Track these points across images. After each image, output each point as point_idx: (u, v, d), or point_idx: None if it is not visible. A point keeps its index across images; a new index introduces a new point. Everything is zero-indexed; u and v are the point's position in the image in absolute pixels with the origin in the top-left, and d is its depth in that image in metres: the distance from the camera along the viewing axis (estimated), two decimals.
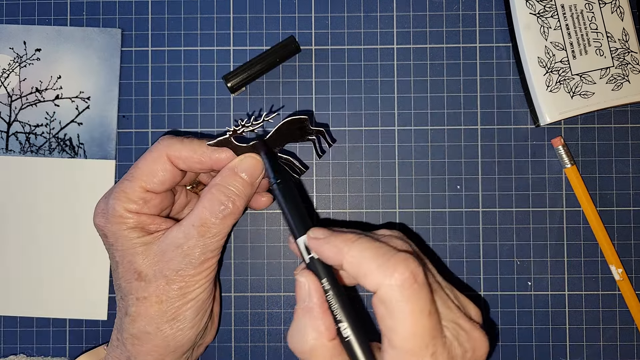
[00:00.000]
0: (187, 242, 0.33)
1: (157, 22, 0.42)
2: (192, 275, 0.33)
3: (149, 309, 0.33)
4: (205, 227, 0.33)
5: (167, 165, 0.34)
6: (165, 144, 0.34)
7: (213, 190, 0.33)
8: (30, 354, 0.41)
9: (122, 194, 0.34)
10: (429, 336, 0.26)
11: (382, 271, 0.26)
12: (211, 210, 0.33)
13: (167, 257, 0.33)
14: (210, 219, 0.33)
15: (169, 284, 0.33)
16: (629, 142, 0.41)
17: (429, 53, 0.41)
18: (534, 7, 0.39)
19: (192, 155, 0.34)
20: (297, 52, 0.40)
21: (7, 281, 0.41)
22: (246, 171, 0.34)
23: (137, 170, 0.34)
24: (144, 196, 0.34)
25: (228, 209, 0.33)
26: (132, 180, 0.34)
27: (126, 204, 0.33)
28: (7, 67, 0.41)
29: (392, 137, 0.41)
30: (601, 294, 0.41)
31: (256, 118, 0.34)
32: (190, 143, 0.34)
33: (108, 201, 0.34)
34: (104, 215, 0.34)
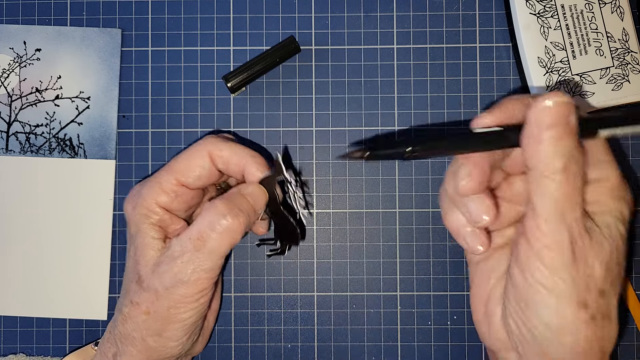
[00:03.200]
0: (181, 256, 0.32)
1: (157, 22, 0.42)
2: (181, 295, 0.32)
3: (138, 316, 0.32)
4: (202, 240, 0.31)
5: (207, 162, 0.34)
6: (210, 141, 0.34)
7: (216, 202, 0.32)
8: (30, 353, 0.41)
9: (157, 184, 0.33)
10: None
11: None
12: (210, 222, 0.32)
13: (161, 270, 0.32)
14: (208, 231, 0.31)
15: (157, 299, 0.32)
16: (629, 142, 0.41)
17: (429, 53, 0.41)
18: (534, 7, 0.39)
19: (233, 156, 0.34)
20: (297, 52, 0.40)
21: (7, 281, 0.41)
22: (252, 195, 0.34)
23: (176, 163, 0.34)
24: (177, 189, 0.34)
25: (228, 222, 0.32)
26: (169, 172, 0.34)
27: (158, 196, 0.33)
28: (7, 67, 0.41)
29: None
30: None
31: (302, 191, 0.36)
32: (234, 145, 0.34)
33: (142, 189, 0.34)
34: (133, 202, 0.34)
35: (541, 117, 0.26)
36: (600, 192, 0.29)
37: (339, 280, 0.41)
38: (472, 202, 0.29)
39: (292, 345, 0.41)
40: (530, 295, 0.27)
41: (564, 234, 0.26)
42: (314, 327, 0.41)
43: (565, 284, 0.27)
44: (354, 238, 0.41)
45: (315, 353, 0.41)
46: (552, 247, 0.26)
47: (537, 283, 0.27)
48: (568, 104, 0.26)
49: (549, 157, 0.26)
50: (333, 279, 0.41)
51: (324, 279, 0.41)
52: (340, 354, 0.41)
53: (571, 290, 0.27)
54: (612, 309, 0.28)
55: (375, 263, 0.41)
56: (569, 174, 0.26)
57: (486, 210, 0.29)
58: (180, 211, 0.35)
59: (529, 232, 0.27)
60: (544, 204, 0.26)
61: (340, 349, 0.41)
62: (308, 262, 0.41)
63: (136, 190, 0.34)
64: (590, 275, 0.27)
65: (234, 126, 0.41)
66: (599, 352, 0.28)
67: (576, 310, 0.27)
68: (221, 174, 0.35)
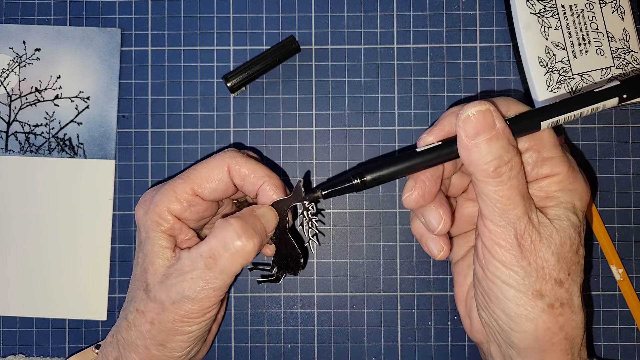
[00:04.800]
0: (191, 272, 0.31)
1: (156, 21, 0.41)
2: (187, 311, 0.31)
3: (142, 325, 0.32)
4: (214, 259, 0.31)
5: (225, 176, 0.34)
6: (230, 155, 0.34)
7: (231, 221, 0.32)
8: (30, 354, 0.41)
9: (171, 191, 0.33)
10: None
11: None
12: (224, 241, 0.31)
13: (169, 282, 0.31)
14: (221, 250, 0.31)
15: (163, 311, 0.32)
16: (630, 142, 0.41)
17: (429, 53, 0.41)
18: (534, 6, 0.39)
19: (251, 174, 0.34)
20: (297, 51, 0.40)
21: (7, 281, 0.41)
22: (264, 217, 0.33)
23: (194, 173, 0.33)
24: (191, 199, 0.33)
25: (242, 243, 0.31)
26: (185, 181, 0.33)
27: (171, 204, 0.33)
28: (7, 67, 0.41)
29: (392, 137, 0.41)
30: (602, 294, 0.41)
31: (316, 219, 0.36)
32: (254, 162, 0.34)
33: (154, 195, 0.33)
34: (145, 207, 0.33)
35: (466, 127, 0.29)
36: (551, 187, 0.31)
37: (339, 281, 0.41)
38: (426, 213, 0.32)
39: (292, 346, 0.41)
40: (492, 289, 0.30)
41: (509, 231, 0.29)
42: (314, 328, 0.41)
43: (518, 276, 0.29)
44: (354, 238, 0.41)
45: (315, 353, 0.41)
46: (501, 244, 0.29)
47: (495, 277, 0.29)
48: (487, 111, 0.28)
49: (479, 162, 0.28)
50: (333, 279, 0.41)
51: (324, 279, 0.41)
52: (341, 354, 0.41)
53: (525, 281, 0.29)
54: (574, 297, 0.30)
55: (376, 263, 0.41)
56: (503, 176, 0.28)
57: (438, 219, 0.32)
58: (192, 221, 0.34)
59: (480, 232, 0.30)
60: (486, 206, 0.29)
61: (341, 349, 0.41)
62: (308, 262, 0.41)
63: (149, 196, 0.34)
64: (542, 266, 0.29)
65: (234, 126, 0.41)
66: (563, 339, 0.29)
67: (532, 299, 0.29)
68: (236, 189, 0.35)
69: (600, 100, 0.30)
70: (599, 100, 0.30)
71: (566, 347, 0.30)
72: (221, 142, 0.41)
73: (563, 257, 0.29)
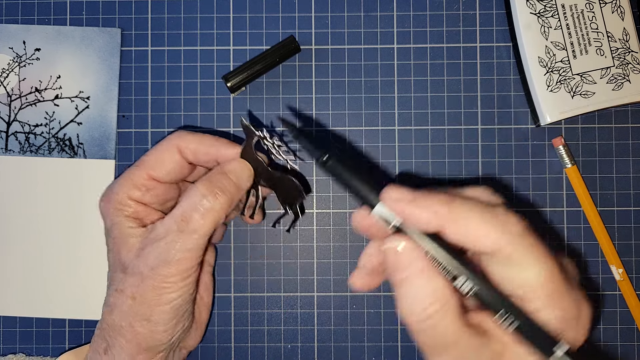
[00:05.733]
0: (165, 237, 0.32)
1: (156, 21, 0.41)
2: (166, 275, 0.32)
3: (123, 303, 0.32)
4: (185, 221, 0.32)
5: (176, 156, 0.35)
6: (177, 135, 0.35)
7: (197, 184, 0.33)
8: (30, 353, 0.41)
9: (128, 180, 0.34)
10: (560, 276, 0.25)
11: (496, 228, 0.25)
12: (192, 203, 0.32)
13: (145, 252, 0.32)
14: (190, 212, 0.32)
15: (143, 281, 0.32)
16: (630, 142, 0.41)
17: (429, 53, 0.41)
18: (534, 6, 0.39)
19: (199, 146, 0.35)
20: (297, 51, 0.40)
21: (7, 281, 0.41)
22: (233, 172, 0.34)
23: (146, 158, 0.35)
24: (148, 183, 0.34)
25: (209, 202, 0.32)
26: (139, 167, 0.35)
27: (129, 191, 0.34)
28: (7, 67, 0.41)
29: (392, 137, 0.41)
30: (602, 294, 0.41)
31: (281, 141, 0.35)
32: (200, 135, 0.35)
33: (113, 186, 0.35)
34: (106, 197, 0.35)
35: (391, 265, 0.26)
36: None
37: (339, 281, 0.41)
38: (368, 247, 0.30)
39: (292, 346, 0.41)
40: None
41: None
42: (314, 328, 0.41)
43: None
44: (354, 238, 0.41)
45: (315, 353, 0.41)
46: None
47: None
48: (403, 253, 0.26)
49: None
50: (333, 279, 0.41)
51: (324, 279, 0.41)
52: (341, 354, 0.41)
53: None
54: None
55: None
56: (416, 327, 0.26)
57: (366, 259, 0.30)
58: (155, 204, 0.35)
59: None
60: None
61: (340, 349, 0.41)
62: (308, 262, 0.41)
63: (108, 188, 0.35)
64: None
65: (234, 126, 0.41)
66: None
67: None
68: (192, 166, 0.36)
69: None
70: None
71: None
72: None
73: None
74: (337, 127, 0.41)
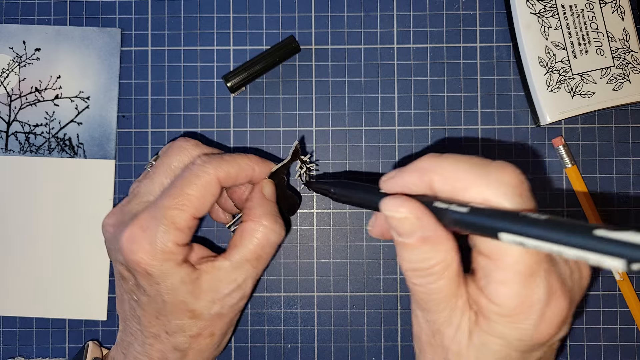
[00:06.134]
0: (240, 277, 0.33)
1: (156, 21, 0.41)
2: (241, 306, 0.34)
3: (200, 343, 0.33)
4: (258, 259, 0.33)
5: (218, 189, 0.32)
6: (213, 166, 0.32)
7: (264, 222, 0.33)
8: (29, 354, 0.41)
9: (172, 226, 0.30)
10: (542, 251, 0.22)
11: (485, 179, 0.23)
12: (267, 241, 0.33)
13: (221, 294, 0.32)
14: (264, 249, 0.33)
15: (221, 319, 0.33)
16: (630, 142, 0.41)
17: (429, 53, 0.41)
18: (534, 6, 0.39)
19: (240, 172, 0.33)
20: (297, 51, 0.40)
21: (7, 281, 0.41)
22: (270, 195, 0.35)
23: (189, 198, 0.31)
24: (192, 225, 0.31)
25: (281, 235, 0.34)
26: (183, 210, 0.30)
27: (176, 238, 0.30)
28: (7, 67, 0.41)
29: (392, 137, 0.41)
30: (602, 294, 0.41)
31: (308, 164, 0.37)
32: (233, 160, 0.33)
33: (152, 234, 0.30)
34: (147, 252, 0.30)
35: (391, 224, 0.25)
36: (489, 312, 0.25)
37: (339, 281, 0.41)
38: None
39: (292, 346, 0.41)
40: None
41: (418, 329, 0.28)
42: (314, 328, 0.41)
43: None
44: (354, 238, 0.41)
45: (315, 353, 0.41)
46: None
47: None
48: (406, 219, 0.25)
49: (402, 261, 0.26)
50: (333, 279, 0.41)
51: (324, 279, 0.41)
52: (341, 354, 0.41)
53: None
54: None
55: (376, 263, 0.41)
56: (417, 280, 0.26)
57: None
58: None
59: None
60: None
61: (341, 349, 0.41)
62: (308, 262, 0.41)
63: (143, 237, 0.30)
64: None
65: (234, 126, 0.41)
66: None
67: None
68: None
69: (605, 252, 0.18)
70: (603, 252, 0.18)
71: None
72: (221, 142, 0.41)
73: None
74: (337, 127, 0.41)
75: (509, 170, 0.23)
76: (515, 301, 0.23)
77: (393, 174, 0.27)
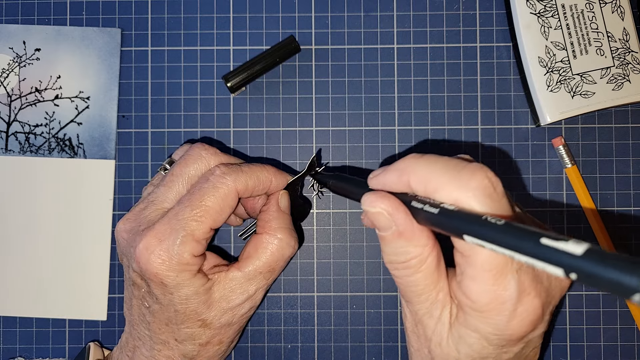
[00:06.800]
0: (252, 288, 0.33)
1: (156, 21, 0.41)
2: (249, 315, 0.35)
3: (209, 351, 0.34)
4: (271, 271, 0.33)
5: (235, 201, 0.32)
6: (232, 178, 0.32)
7: (279, 235, 0.33)
8: (29, 354, 0.41)
9: (189, 237, 0.30)
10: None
11: (456, 182, 0.24)
12: (281, 255, 0.33)
13: (233, 304, 0.33)
14: (277, 263, 0.33)
15: (231, 328, 0.34)
16: (630, 142, 0.41)
17: (429, 53, 0.41)
18: (534, 6, 0.39)
19: (258, 184, 0.33)
20: (297, 51, 0.40)
21: (7, 281, 0.41)
22: (286, 207, 0.35)
23: (207, 210, 0.31)
24: (209, 236, 0.32)
25: (295, 248, 0.34)
26: (201, 222, 0.30)
27: (193, 249, 0.31)
28: (7, 67, 0.41)
29: (392, 137, 0.41)
30: (602, 294, 0.41)
31: (317, 167, 0.37)
32: (251, 171, 0.33)
33: (169, 246, 0.30)
34: (164, 263, 0.30)
35: (369, 218, 0.27)
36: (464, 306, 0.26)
37: (339, 281, 0.41)
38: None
39: (292, 346, 0.41)
40: None
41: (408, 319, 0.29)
42: (314, 328, 0.41)
43: None
44: (354, 238, 0.41)
45: (315, 353, 0.41)
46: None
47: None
48: (380, 214, 0.26)
49: (384, 254, 0.28)
50: (333, 279, 0.41)
51: (324, 279, 0.41)
52: (341, 354, 0.41)
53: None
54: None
55: (376, 263, 0.41)
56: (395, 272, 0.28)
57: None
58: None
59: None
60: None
61: (341, 349, 0.41)
62: (308, 262, 0.41)
63: (160, 248, 0.30)
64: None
65: (234, 126, 0.41)
66: None
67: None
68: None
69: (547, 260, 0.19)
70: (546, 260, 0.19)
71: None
72: (221, 142, 0.41)
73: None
74: (337, 127, 0.41)
75: (479, 173, 0.24)
76: (486, 297, 0.24)
77: (378, 172, 0.28)
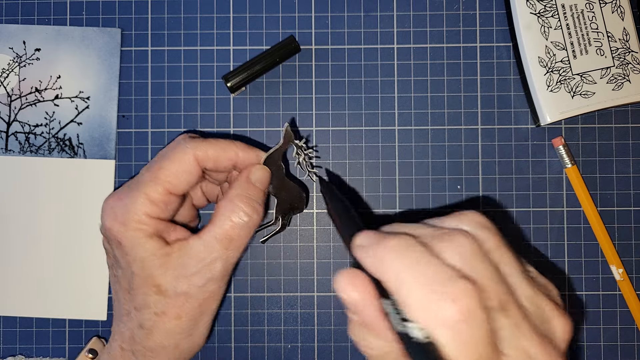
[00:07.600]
0: (209, 256, 0.32)
1: (156, 21, 0.41)
2: (212, 291, 0.33)
3: (166, 324, 0.32)
4: (229, 239, 0.32)
5: (194, 166, 0.33)
6: (191, 145, 0.33)
7: (236, 202, 0.32)
8: (30, 354, 0.41)
9: (144, 196, 0.32)
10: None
11: (426, 306, 0.21)
12: (235, 222, 0.32)
13: (189, 272, 0.32)
14: (235, 231, 0.32)
15: (188, 301, 0.32)
16: (630, 142, 0.41)
17: (429, 53, 0.41)
18: (534, 6, 0.39)
19: (222, 153, 0.33)
20: (297, 51, 0.40)
21: (7, 281, 0.41)
22: (259, 181, 0.34)
23: (163, 172, 0.32)
24: (166, 199, 0.32)
25: (252, 219, 0.33)
26: (156, 182, 0.32)
27: (148, 208, 0.32)
28: (7, 67, 0.41)
29: (392, 137, 0.41)
30: (602, 294, 0.41)
31: (306, 147, 0.36)
32: (216, 141, 0.33)
33: (126, 204, 0.32)
34: (119, 219, 0.31)
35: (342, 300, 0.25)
36: None
37: None
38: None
39: (292, 346, 0.41)
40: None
41: None
42: (314, 328, 0.41)
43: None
44: None
45: (315, 353, 0.41)
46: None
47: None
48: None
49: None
50: (333, 279, 0.41)
51: (324, 279, 0.41)
52: (341, 354, 0.41)
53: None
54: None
55: None
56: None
57: None
58: (170, 217, 0.34)
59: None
60: None
61: (341, 349, 0.41)
62: (308, 262, 0.41)
63: (119, 207, 0.32)
64: None
65: (234, 126, 0.41)
66: None
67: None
68: (204, 174, 0.35)
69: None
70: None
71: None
72: None
73: None
74: (337, 127, 0.41)
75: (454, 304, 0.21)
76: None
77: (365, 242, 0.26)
